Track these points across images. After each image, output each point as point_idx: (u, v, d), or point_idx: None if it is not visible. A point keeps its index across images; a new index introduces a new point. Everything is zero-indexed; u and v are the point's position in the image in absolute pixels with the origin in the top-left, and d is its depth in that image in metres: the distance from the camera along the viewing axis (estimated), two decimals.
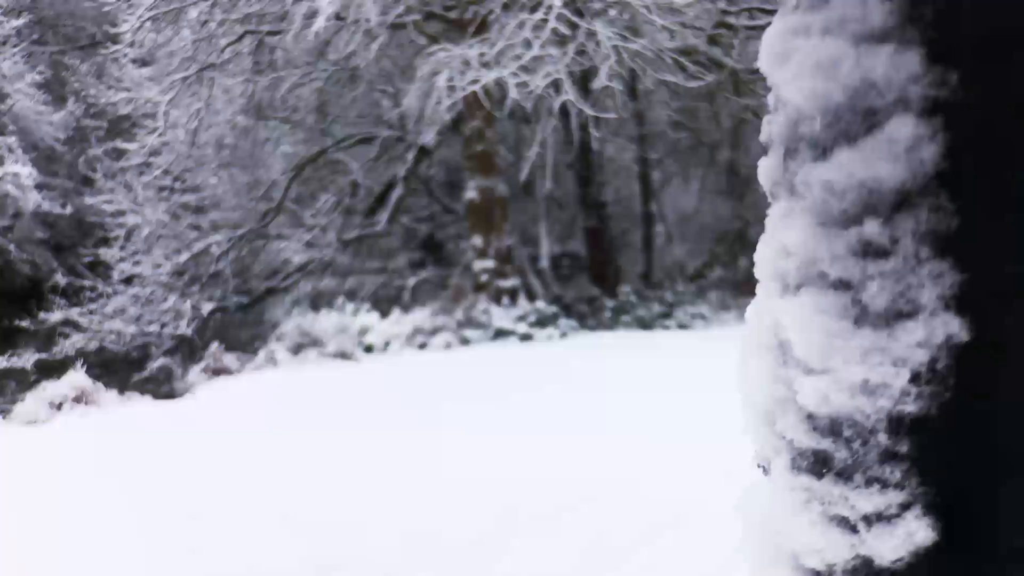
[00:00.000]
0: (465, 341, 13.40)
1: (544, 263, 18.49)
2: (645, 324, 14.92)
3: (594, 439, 6.90)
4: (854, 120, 0.60)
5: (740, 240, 18.77)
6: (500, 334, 13.66)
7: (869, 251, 0.60)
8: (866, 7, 0.59)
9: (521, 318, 14.11)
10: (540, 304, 14.65)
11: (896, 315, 0.60)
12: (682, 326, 14.90)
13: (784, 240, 0.65)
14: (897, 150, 0.58)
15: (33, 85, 27.82)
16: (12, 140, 25.84)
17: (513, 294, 14.98)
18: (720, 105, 17.66)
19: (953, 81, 0.58)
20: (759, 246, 0.67)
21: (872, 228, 0.60)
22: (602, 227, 18.68)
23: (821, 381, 0.62)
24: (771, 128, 0.66)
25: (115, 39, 16.85)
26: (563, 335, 13.92)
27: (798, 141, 0.63)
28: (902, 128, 0.58)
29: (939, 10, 0.58)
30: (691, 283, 17.69)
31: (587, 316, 15.43)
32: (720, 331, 14.33)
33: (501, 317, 14.16)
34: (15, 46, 27.74)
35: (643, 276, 19.51)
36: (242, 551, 4.64)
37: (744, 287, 17.90)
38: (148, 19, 14.85)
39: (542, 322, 14.16)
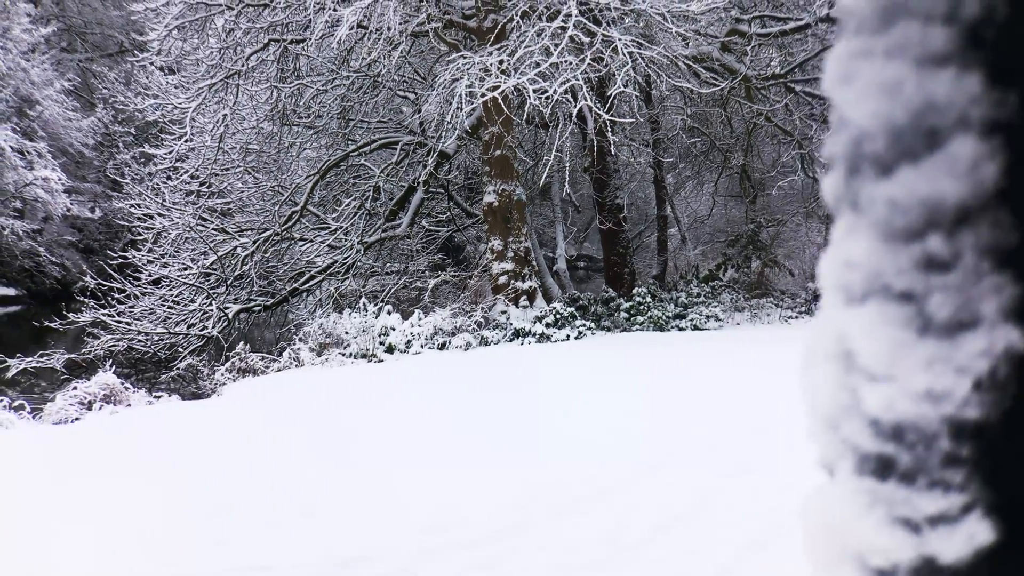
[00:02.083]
0: (484, 341, 13.52)
1: (561, 265, 18.55)
2: (660, 325, 14.98)
3: (609, 434, 7.01)
4: (916, 139, 0.63)
5: (752, 242, 18.79)
6: (518, 335, 13.77)
7: (932, 265, 0.63)
8: (928, 31, 0.62)
9: (539, 319, 14.21)
10: (557, 305, 14.75)
11: (958, 326, 0.63)
12: (696, 327, 14.95)
13: (849, 254, 0.67)
14: (958, 168, 0.61)
15: (62, 92, 28.33)
16: (42, 145, 26.33)
17: (531, 295, 15.07)
18: (733, 110, 17.72)
19: (1013, 101, 0.61)
20: (823, 259, 0.69)
21: (935, 243, 0.63)
22: (618, 230, 18.71)
23: (886, 389, 0.65)
24: (834, 146, 0.68)
25: (143, 47, 17.09)
26: (579, 336, 14.01)
27: (862, 159, 0.65)
28: (963, 147, 0.61)
29: (1000, 33, 0.61)
30: (704, 285, 17.70)
31: (603, 317, 15.50)
32: (732, 332, 14.38)
33: (519, 318, 14.27)
34: (44, 53, 28.20)
35: (657, 278, 19.56)
36: (266, 544, 4.76)
37: (756, 288, 17.93)
38: (175, 28, 15.01)
39: (559, 323, 14.26)
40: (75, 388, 10.07)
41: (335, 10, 13.14)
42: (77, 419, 9.37)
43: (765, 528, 4.77)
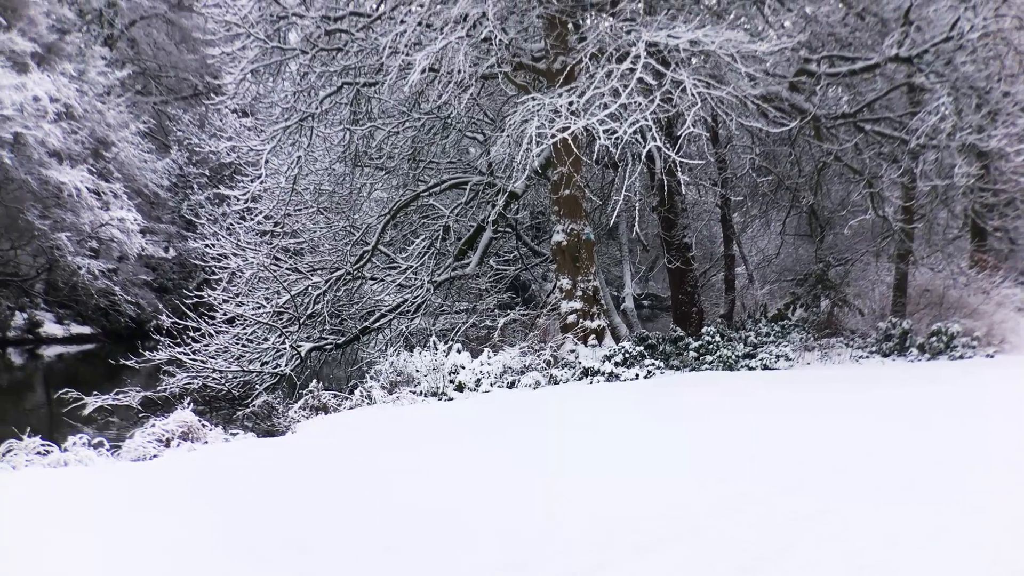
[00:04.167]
0: (553, 380, 13.56)
1: (628, 304, 18.60)
2: (729, 365, 14.90)
3: (685, 473, 6.99)
4: None
5: (821, 281, 18.67)
6: (587, 373, 13.80)
7: None
8: None
9: (607, 358, 14.25)
10: (626, 344, 14.77)
11: None
12: (766, 367, 14.83)
13: None
14: None
15: (137, 134, 29.18)
16: (117, 186, 27.14)
17: (599, 334, 15.14)
18: (802, 149, 17.68)
19: None
20: None
21: None
22: (685, 268, 18.74)
23: None
24: None
25: (217, 90, 17.63)
26: (648, 375, 13.99)
27: None
28: None
29: None
30: (773, 324, 17.58)
31: (671, 356, 15.45)
32: (803, 372, 14.22)
33: (588, 357, 14.33)
34: (120, 96, 29.15)
35: (725, 317, 19.49)
36: None
37: (825, 328, 17.77)
38: (250, 71, 15.43)
39: (628, 362, 14.28)
40: (153, 425, 10.12)
41: (407, 54, 13.46)
42: (155, 456, 9.41)
43: (853, 571, 4.73)
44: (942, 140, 14.47)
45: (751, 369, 14.82)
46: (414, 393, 12.70)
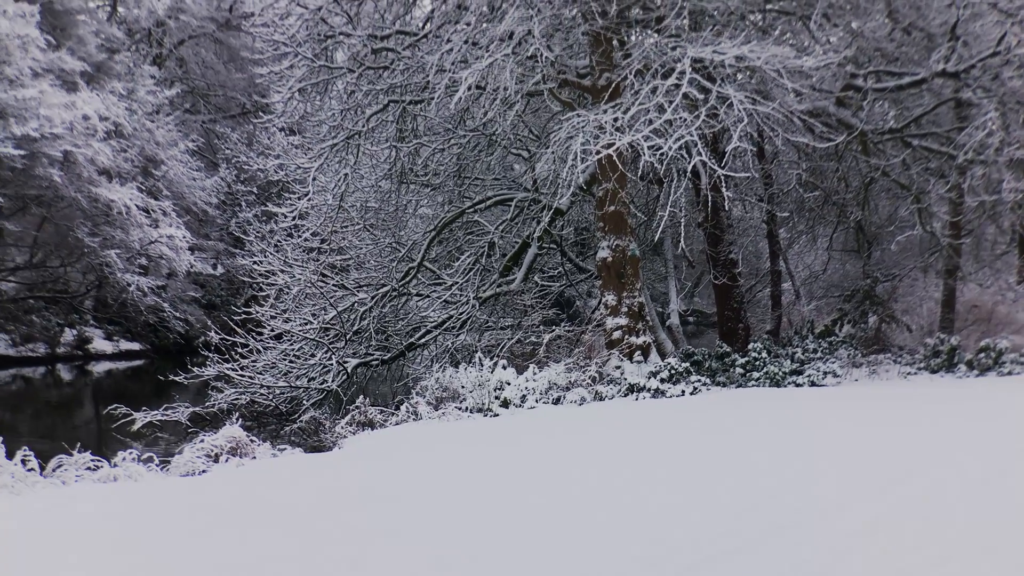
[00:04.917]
0: (599, 396, 13.53)
1: (674, 320, 18.50)
2: (776, 381, 14.79)
3: (735, 491, 6.93)
4: None
5: (868, 297, 18.47)
6: (632, 390, 13.77)
7: None
8: None
9: (653, 374, 14.19)
10: (672, 360, 14.69)
11: None
12: (813, 383, 14.71)
13: None
14: None
15: (186, 152, 29.63)
16: (167, 204, 27.57)
17: (645, 350, 15.08)
18: (848, 165, 17.55)
19: None
20: None
21: None
22: (731, 285, 18.62)
23: None
24: None
25: (265, 109, 17.91)
26: (695, 391, 13.92)
27: None
28: None
29: None
30: (820, 340, 17.41)
31: (717, 372, 15.35)
32: (851, 389, 14.04)
33: (633, 373, 14.27)
34: (168, 115, 29.64)
35: (771, 333, 19.33)
36: None
37: (873, 344, 17.56)
38: (298, 90, 15.62)
39: (674, 378, 14.21)
40: (202, 441, 10.21)
41: (454, 72, 13.55)
42: (204, 471, 9.50)
43: None
44: (990, 155, 14.33)
45: (798, 386, 14.70)
46: (460, 409, 12.71)
